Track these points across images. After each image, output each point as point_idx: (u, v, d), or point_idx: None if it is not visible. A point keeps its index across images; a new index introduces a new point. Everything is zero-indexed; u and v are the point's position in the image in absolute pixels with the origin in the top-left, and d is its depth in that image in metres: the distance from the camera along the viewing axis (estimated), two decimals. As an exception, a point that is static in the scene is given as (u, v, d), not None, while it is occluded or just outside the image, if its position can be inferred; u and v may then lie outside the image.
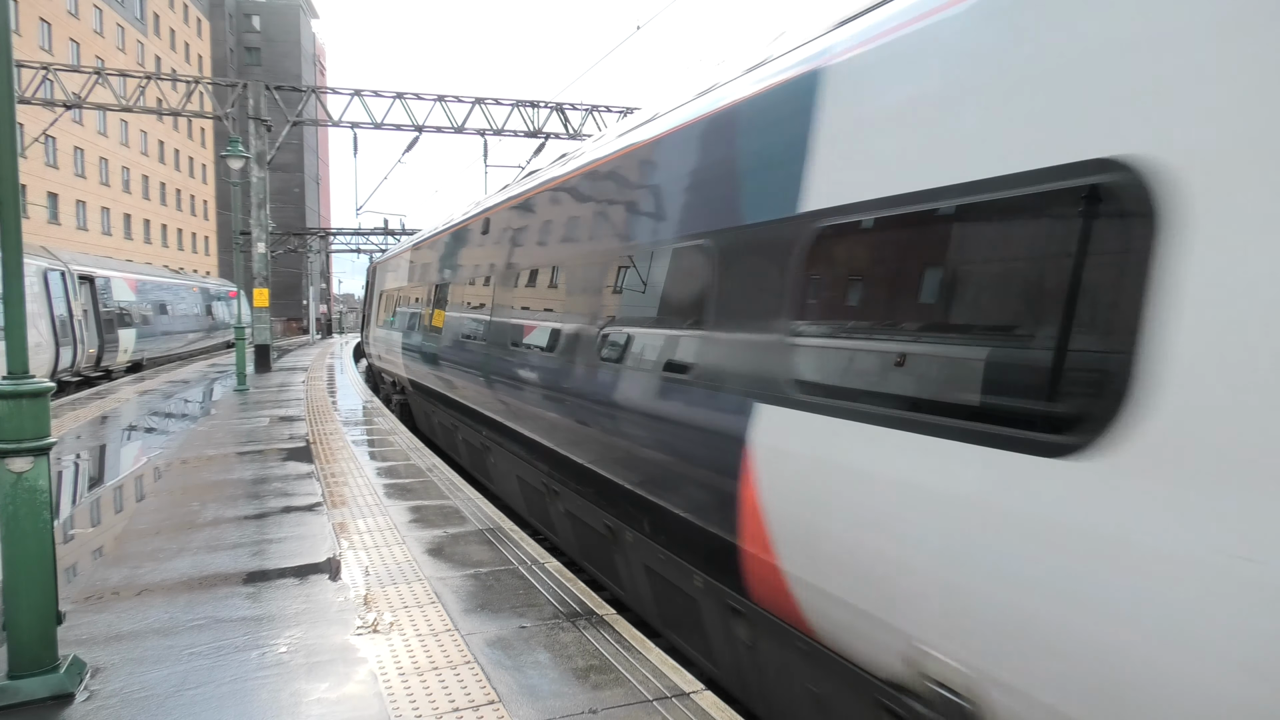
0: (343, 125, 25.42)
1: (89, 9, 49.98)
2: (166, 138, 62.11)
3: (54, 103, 24.48)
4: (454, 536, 6.19)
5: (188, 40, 67.82)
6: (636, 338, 5.15)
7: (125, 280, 27.62)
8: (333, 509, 7.06)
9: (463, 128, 25.75)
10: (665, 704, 3.48)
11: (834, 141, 3.36)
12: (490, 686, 3.66)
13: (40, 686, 3.54)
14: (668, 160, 4.95)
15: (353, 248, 57.20)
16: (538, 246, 7.71)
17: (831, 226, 3.32)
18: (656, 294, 4.90)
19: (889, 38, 3.12)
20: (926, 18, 2.94)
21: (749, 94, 4.11)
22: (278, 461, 9.37)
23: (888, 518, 2.82)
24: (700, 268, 4.35)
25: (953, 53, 2.77)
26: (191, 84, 25.08)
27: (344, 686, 3.68)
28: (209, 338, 39.77)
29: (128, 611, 4.63)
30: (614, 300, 5.60)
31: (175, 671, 3.83)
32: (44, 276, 20.08)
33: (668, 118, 5.17)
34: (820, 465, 3.19)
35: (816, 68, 3.54)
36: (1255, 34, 1.88)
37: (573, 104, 26.55)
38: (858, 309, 3.19)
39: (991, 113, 2.58)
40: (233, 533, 6.31)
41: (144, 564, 5.53)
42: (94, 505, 7.40)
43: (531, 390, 7.23)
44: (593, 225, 6.21)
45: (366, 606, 4.70)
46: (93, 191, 50.05)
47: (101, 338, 24.31)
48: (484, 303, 9.54)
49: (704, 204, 4.40)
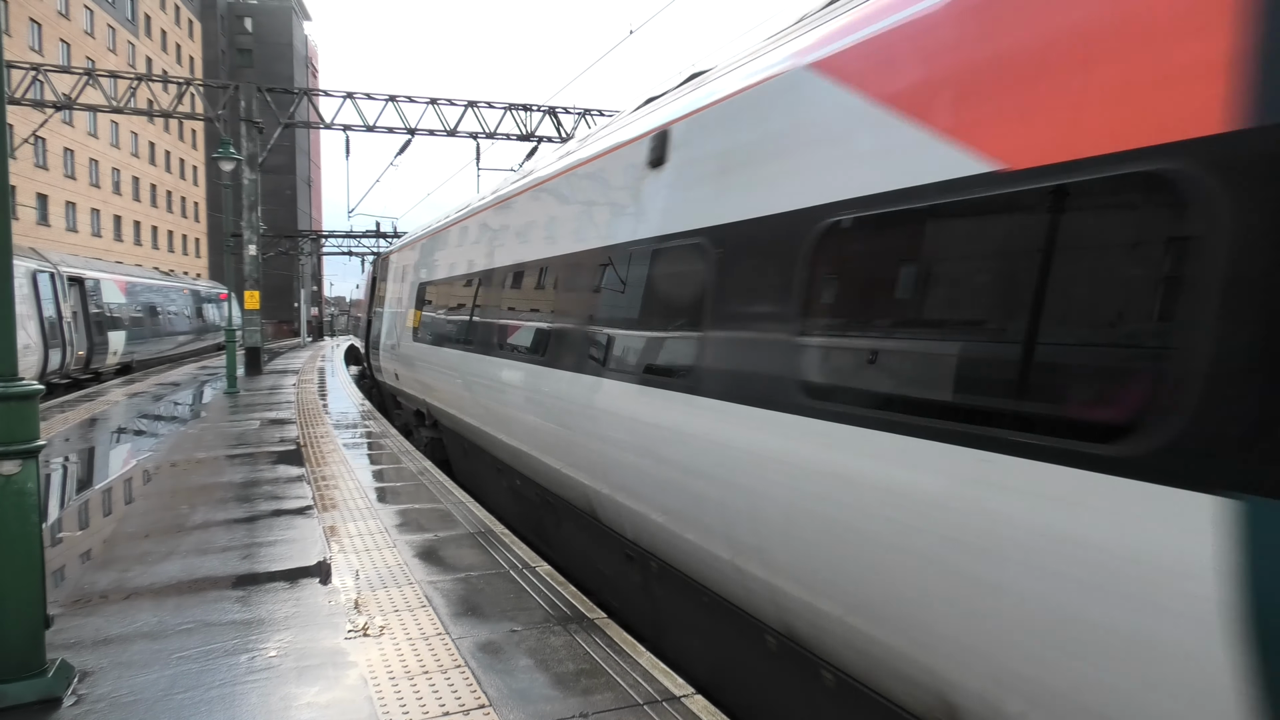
0: (335, 128, 25.37)
1: (79, 10, 49.78)
2: (157, 139, 61.87)
3: (44, 104, 24.35)
4: (445, 540, 6.18)
5: (179, 42, 67.60)
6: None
7: (115, 282, 27.49)
8: (323, 512, 7.04)
9: (455, 131, 25.74)
10: (656, 708, 3.48)
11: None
12: (481, 690, 3.65)
13: (27, 691, 3.52)
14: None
15: (344, 250, 57.16)
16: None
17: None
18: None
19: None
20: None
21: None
22: (268, 464, 9.34)
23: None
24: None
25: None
26: (183, 85, 25.01)
27: (334, 690, 3.67)
28: (199, 340, 39.60)
29: (116, 615, 4.61)
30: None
31: (164, 675, 3.81)
32: (33, 278, 19.96)
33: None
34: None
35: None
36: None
37: (565, 108, 26.61)
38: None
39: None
40: (222, 536, 6.29)
41: (133, 567, 5.50)
42: (82, 508, 7.36)
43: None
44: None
45: (357, 610, 4.69)
46: (83, 193, 49.81)
47: (91, 340, 24.18)
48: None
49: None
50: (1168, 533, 1.95)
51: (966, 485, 2.50)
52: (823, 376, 3.22)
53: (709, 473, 3.93)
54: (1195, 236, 2.00)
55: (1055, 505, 2.23)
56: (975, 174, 2.57)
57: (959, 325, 2.65)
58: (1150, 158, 2.08)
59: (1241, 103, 1.89)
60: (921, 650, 2.70)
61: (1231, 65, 1.92)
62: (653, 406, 4.50)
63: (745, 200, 3.88)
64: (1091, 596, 2.11)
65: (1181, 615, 1.91)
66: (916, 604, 2.67)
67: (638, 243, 4.98)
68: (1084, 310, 2.27)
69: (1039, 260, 2.37)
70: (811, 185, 3.40)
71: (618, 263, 5.23)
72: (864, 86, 3.17)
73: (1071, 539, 2.17)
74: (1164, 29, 2.09)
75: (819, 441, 3.15)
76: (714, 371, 3.93)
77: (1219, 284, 1.92)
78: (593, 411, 5.34)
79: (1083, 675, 2.14)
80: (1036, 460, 2.28)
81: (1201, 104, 1.98)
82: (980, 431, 2.46)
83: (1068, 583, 2.17)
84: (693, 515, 4.12)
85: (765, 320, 3.61)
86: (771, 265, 3.60)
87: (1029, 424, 2.34)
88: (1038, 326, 2.36)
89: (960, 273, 2.73)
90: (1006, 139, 2.50)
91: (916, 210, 2.80)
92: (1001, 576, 2.36)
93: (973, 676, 2.50)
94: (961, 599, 2.49)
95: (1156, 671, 1.97)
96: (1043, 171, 2.37)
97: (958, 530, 2.51)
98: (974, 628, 2.45)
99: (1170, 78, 2.07)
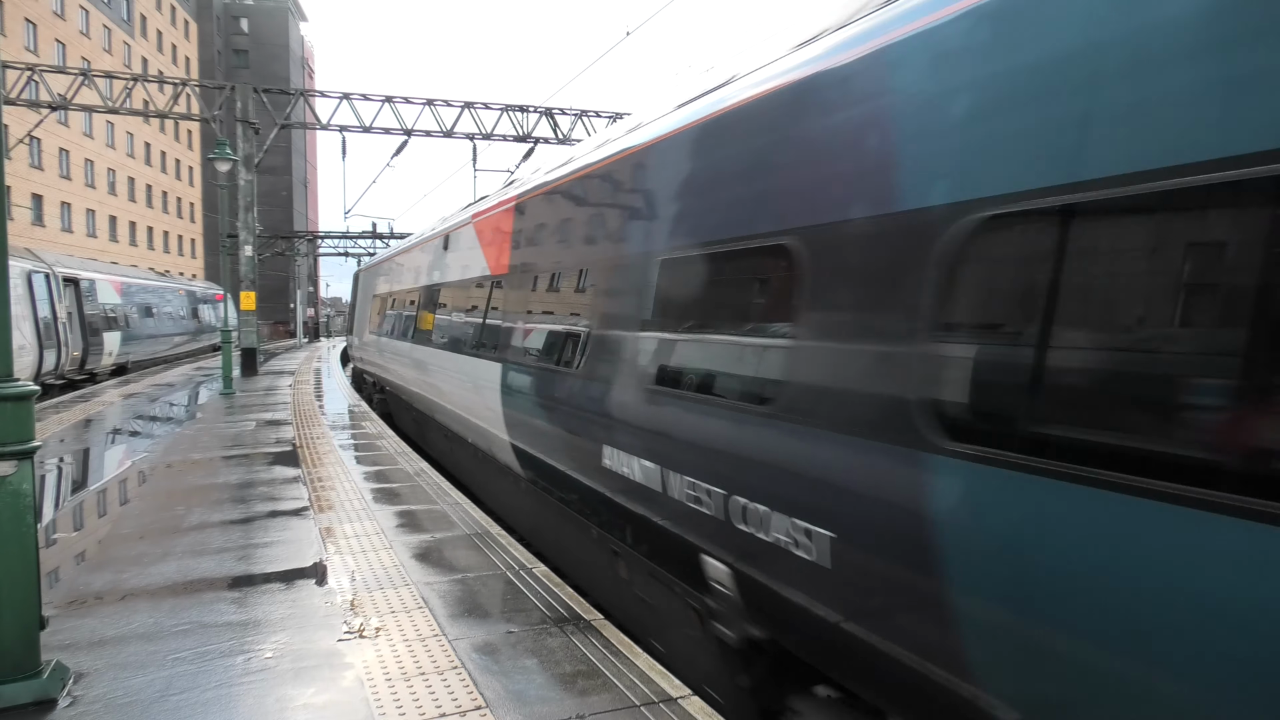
0: (331, 128, 25.35)
1: (75, 10, 49.67)
2: (153, 140, 61.73)
3: (39, 104, 24.30)
4: (442, 541, 6.17)
5: (175, 42, 67.47)
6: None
7: (110, 283, 27.42)
8: (319, 513, 7.03)
9: (452, 132, 25.72)
10: (652, 709, 3.48)
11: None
12: (478, 692, 3.65)
13: (23, 692, 3.51)
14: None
15: (341, 251, 57.09)
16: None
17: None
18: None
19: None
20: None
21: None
22: (264, 465, 9.32)
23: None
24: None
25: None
26: (179, 86, 24.95)
27: (330, 692, 3.66)
28: (195, 341, 39.50)
29: (111, 616, 4.59)
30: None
31: (160, 677, 3.80)
32: (28, 279, 19.91)
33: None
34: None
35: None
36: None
37: (562, 109, 26.61)
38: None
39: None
40: (218, 537, 6.27)
41: (128, 569, 5.49)
42: (78, 509, 7.34)
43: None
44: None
45: (353, 611, 4.68)
46: (78, 193, 49.67)
47: (86, 340, 24.10)
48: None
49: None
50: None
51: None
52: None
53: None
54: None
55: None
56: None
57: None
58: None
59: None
60: None
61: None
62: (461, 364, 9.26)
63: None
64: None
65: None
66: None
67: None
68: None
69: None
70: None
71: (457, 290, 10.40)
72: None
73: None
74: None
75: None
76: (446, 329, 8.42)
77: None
78: (433, 367, 10.79)
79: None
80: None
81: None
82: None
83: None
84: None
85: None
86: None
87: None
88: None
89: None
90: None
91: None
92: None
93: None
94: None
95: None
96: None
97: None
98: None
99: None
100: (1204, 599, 1.86)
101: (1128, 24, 2.12)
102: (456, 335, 9.77)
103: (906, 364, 2.70)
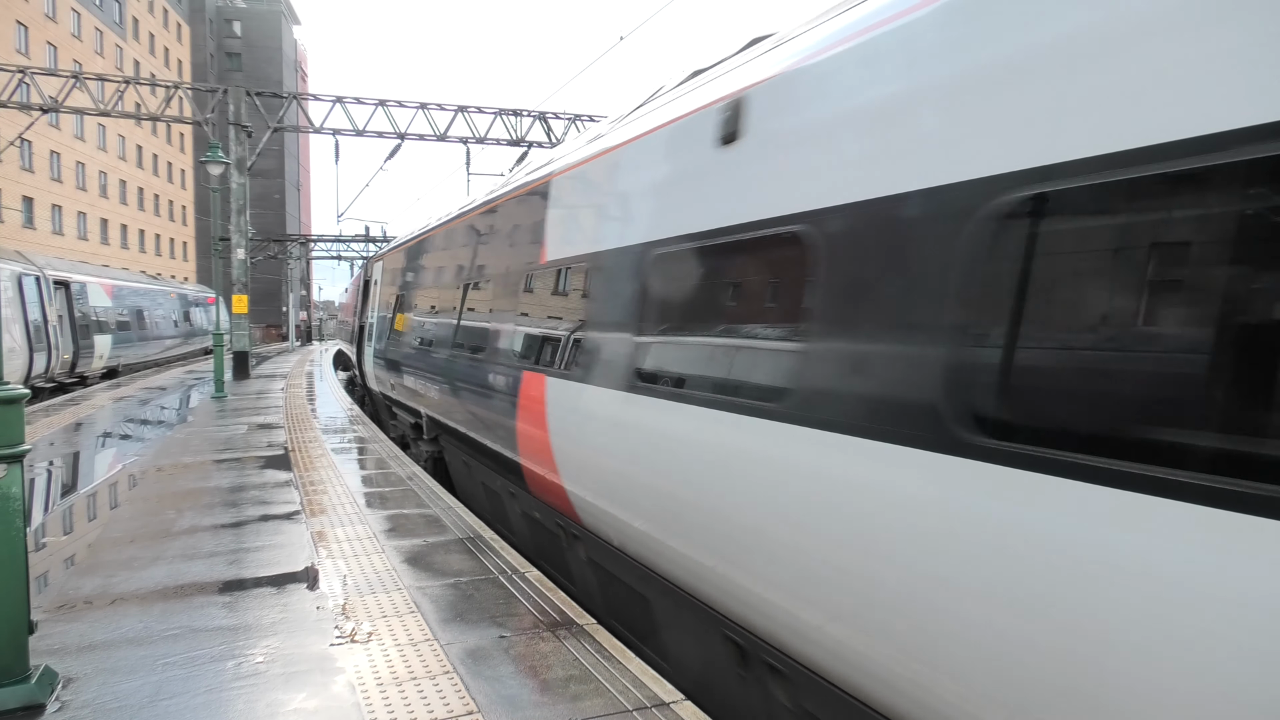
0: (324, 132, 25.30)
1: (67, 12, 49.51)
2: (145, 142, 61.54)
3: (30, 106, 24.19)
4: (434, 545, 6.15)
5: (167, 45, 67.31)
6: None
7: (101, 285, 27.33)
8: (311, 517, 7.00)
9: (445, 135, 25.71)
10: (645, 714, 3.48)
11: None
12: (469, 697, 3.64)
13: (10, 697, 3.48)
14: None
15: (333, 254, 56.98)
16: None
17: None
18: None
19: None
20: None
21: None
22: (256, 469, 9.29)
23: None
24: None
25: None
26: (171, 89, 24.89)
27: (321, 697, 3.64)
28: (187, 344, 39.38)
29: (101, 621, 4.57)
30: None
31: (149, 682, 3.78)
32: (18, 281, 19.83)
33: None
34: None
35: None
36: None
37: (556, 113, 26.59)
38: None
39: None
40: (209, 541, 6.24)
41: (118, 573, 5.45)
42: (67, 513, 7.29)
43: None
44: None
45: (345, 616, 4.66)
46: (69, 196, 49.47)
47: (77, 343, 24.01)
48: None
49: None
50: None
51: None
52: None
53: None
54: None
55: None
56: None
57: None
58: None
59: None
60: None
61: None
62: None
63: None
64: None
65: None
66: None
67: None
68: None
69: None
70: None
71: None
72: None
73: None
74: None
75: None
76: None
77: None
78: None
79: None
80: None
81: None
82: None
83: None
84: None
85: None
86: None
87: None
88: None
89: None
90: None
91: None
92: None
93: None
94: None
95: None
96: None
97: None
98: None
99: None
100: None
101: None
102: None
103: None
